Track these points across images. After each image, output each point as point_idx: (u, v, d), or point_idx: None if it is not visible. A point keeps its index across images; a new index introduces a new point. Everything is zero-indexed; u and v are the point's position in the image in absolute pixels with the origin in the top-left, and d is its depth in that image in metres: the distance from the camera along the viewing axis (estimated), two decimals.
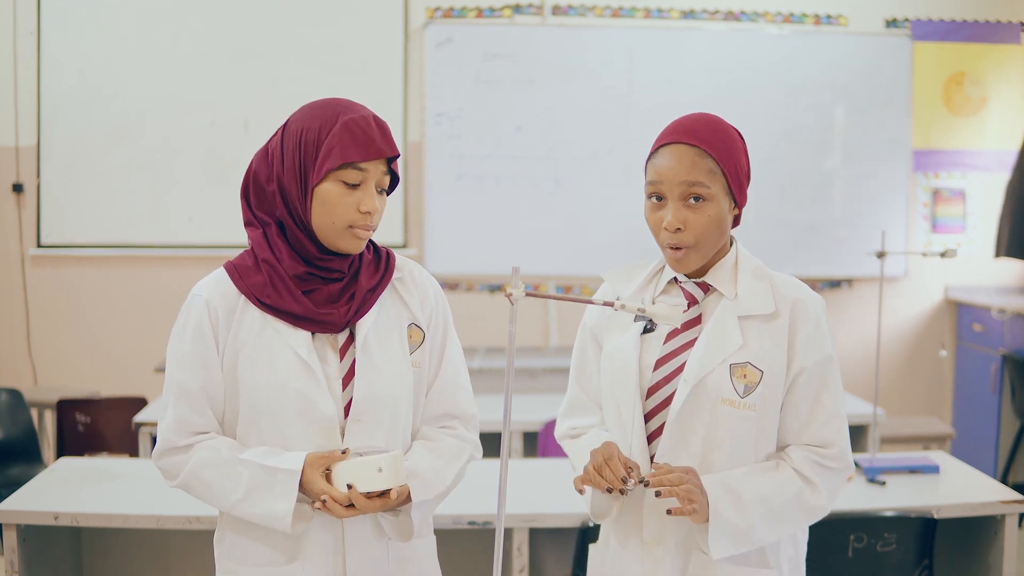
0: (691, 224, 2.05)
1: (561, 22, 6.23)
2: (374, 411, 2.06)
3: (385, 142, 2.02)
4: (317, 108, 2.05)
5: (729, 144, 2.08)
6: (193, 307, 2.07)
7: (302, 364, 2.02)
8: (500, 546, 1.68)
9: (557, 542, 3.32)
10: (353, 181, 2.00)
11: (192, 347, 2.05)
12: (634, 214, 2.32)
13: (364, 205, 2.01)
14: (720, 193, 2.06)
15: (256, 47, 6.14)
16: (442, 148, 6.19)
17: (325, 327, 2.05)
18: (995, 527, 3.19)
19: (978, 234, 6.48)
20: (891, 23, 6.35)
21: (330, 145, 1.99)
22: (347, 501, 1.97)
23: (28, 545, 3.06)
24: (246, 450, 2.04)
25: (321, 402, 2.03)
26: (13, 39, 6.09)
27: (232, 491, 2.01)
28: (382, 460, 1.98)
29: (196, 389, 2.04)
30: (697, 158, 2.05)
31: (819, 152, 6.31)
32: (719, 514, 2.00)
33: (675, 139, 2.08)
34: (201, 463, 2.03)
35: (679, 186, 2.04)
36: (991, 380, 5.98)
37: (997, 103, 6.41)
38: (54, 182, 6.15)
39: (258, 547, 2.07)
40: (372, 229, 2.05)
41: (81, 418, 4.88)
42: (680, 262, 2.09)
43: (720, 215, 2.06)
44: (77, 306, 6.26)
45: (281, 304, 2.03)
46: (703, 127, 2.08)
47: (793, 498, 2.06)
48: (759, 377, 2.06)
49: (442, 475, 2.12)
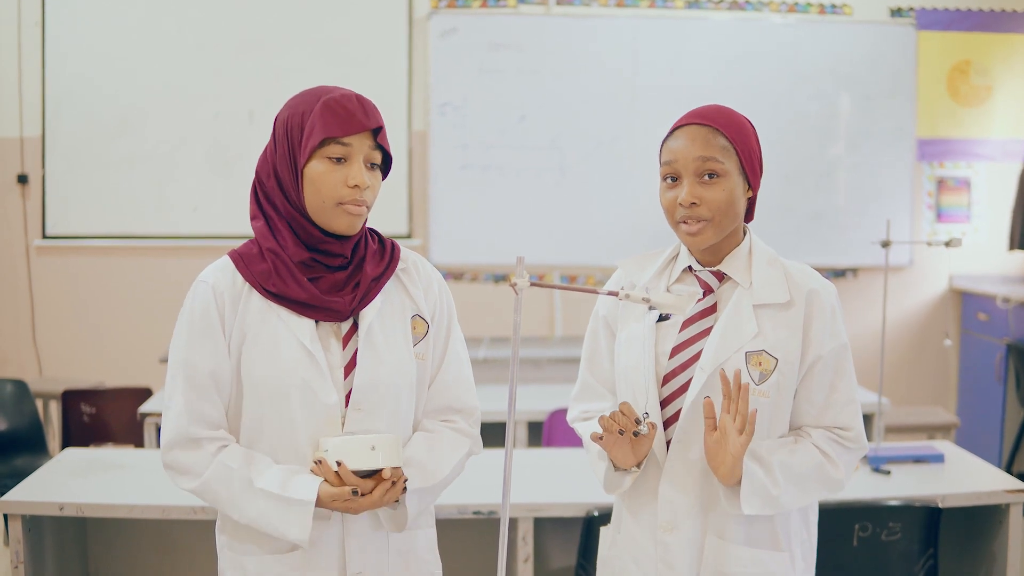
0: (706, 199, 2.07)
1: (565, 12, 6.22)
2: (375, 400, 2.06)
3: (366, 115, 2.03)
4: (300, 95, 2.07)
5: (742, 128, 2.12)
6: (199, 293, 2.07)
7: (305, 352, 2.02)
8: (505, 536, 1.68)
9: (562, 532, 3.32)
10: (337, 155, 2.01)
11: (201, 332, 2.04)
12: (639, 203, 2.34)
13: (351, 179, 2.01)
14: (734, 170, 2.09)
15: (260, 38, 6.14)
16: (447, 138, 6.19)
17: (330, 315, 2.05)
18: (999, 516, 3.19)
19: (983, 223, 6.47)
20: (896, 12, 6.33)
21: (311, 124, 2.00)
22: (347, 495, 1.97)
23: (33, 535, 3.07)
24: (258, 467, 2.03)
25: (323, 390, 2.02)
26: (18, 30, 6.09)
27: (244, 513, 2.02)
28: (376, 439, 1.99)
29: (205, 374, 2.03)
30: (711, 135, 2.09)
31: (824, 141, 6.30)
32: (752, 472, 2.03)
33: (689, 121, 2.12)
34: (216, 477, 2.02)
35: (694, 162, 2.08)
36: (996, 369, 5.98)
37: (1002, 92, 6.39)
38: (59, 173, 6.16)
39: (259, 536, 2.07)
40: (364, 205, 2.05)
41: (86, 409, 4.89)
42: (696, 237, 2.10)
43: (734, 192, 2.09)
44: (82, 297, 6.28)
45: (286, 291, 2.03)
46: (715, 111, 2.13)
47: (814, 469, 2.10)
48: (774, 365, 2.08)
49: (440, 465, 2.12)
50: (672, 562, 2.12)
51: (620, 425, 2.03)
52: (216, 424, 2.06)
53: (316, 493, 1.98)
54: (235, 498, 2.01)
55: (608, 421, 2.04)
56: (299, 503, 1.97)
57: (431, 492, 2.13)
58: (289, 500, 1.98)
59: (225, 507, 2.04)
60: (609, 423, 2.04)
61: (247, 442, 2.08)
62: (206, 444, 2.04)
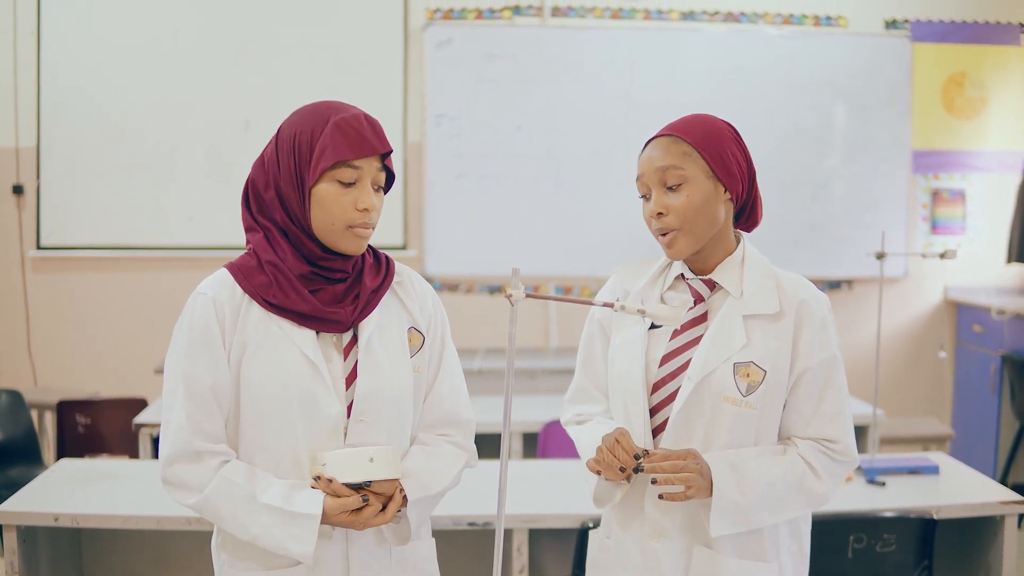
0: (671, 207, 2.09)
1: (561, 23, 6.23)
2: (376, 411, 2.06)
3: (377, 139, 2.03)
4: (308, 111, 2.06)
5: (709, 131, 2.12)
6: (199, 305, 2.05)
7: (307, 363, 2.02)
8: (500, 547, 1.68)
9: (557, 543, 3.32)
10: (348, 180, 2.01)
11: (201, 345, 2.02)
12: (634, 214, 2.34)
13: (361, 203, 2.01)
14: (699, 175, 2.09)
15: (256, 48, 6.15)
16: (442, 148, 6.19)
17: (331, 326, 2.05)
18: (995, 528, 3.19)
19: (978, 235, 6.48)
20: (891, 24, 6.35)
21: (323, 145, 1.99)
22: (355, 504, 1.97)
23: (28, 546, 3.06)
24: (261, 482, 2.01)
25: (326, 401, 2.02)
26: (13, 40, 6.09)
27: (247, 529, 1.99)
28: (375, 451, 1.99)
29: (206, 387, 2.01)
30: (670, 144, 2.11)
31: (819, 153, 6.31)
32: (722, 492, 2.03)
33: (655, 135, 2.15)
34: (218, 493, 2.00)
35: (655, 173, 2.10)
36: (991, 381, 5.98)
37: (997, 104, 6.41)
38: (54, 183, 6.15)
39: (261, 554, 2.05)
40: (371, 227, 2.06)
41: (81, 419, 4.88)
42: (671, 247, 2.12)
43: (701, 197, 2.09)
44: (77, 307, 6.27)
45: (287, 303, 2.02)
46: (684, 120, 2.15)
47: (796, 482, 2.09)
48: (762, 376, 2.08)
49: (438, 477, 2.13)
50: (661, 570, 2.12)
51: (620, 462, 2.03)
52: (217, 438, 2.04)
53: (321, 507, 1.97)
54: (238, 514, 1.99)
55: (608, 457, 2.05)
56: (305, 517, 1.97)
57: (430, 503, 2.13)
58: (295, 515, 1.97)
59: (226, 523, 2.01)
60: (610, 459, 2.05)
61: (246, 457, 2.06)
62: (208, 458, 2.02)
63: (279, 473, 2.03)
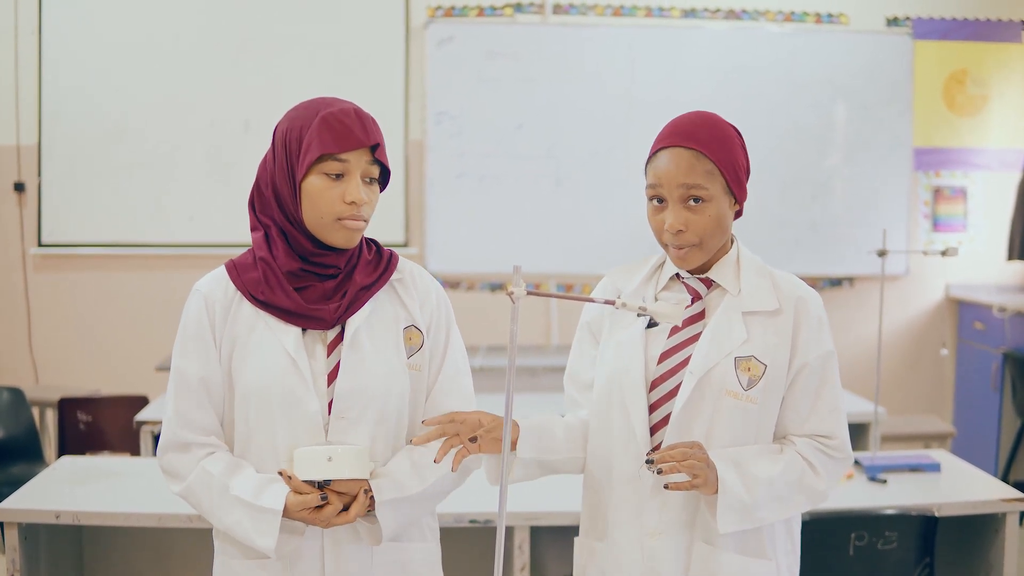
0: (692, 225, 2.07)
1: (562, 21, 6.23)
2: (358, 409, 2.06)
3: (364, 132, 2.03)
4: (300, 108, 2.08)
5: (726, 143, 2.09)
6: (192, 302, 2.11)
7: (289, 359, 2.04)
8: (501, 544, 1.68)
9: (558, 540, 3.32)
10: (335, 172, 2.02)
11: (192, 340, 2.09)
12: (635, 212, 2.34)
13: (348, 195, 2.02)
14: (719, 193, 2.08)
15: (257, 47, 6.15)
16: (443, 147, 6.19)
17: (315, 323, 2.06)
18: (996, 525, 3.19)
19: (979, 233, 6.48)
20: (892, 21, 6.35)
21: (309, 139, 2.01)
22: (314, 503, 1.99)
23: (29, 544, 3.06)
24: (237, 474, 2.05)
25: (304, 397, 2.04)
26: (15, 38, 6.10)
27: (220, 520, 2.05)
28: (336, 450, 2.00)
29: (195, 382, 2.07)
30: (694, 161, 2.06)
31: (820, 151, 6.31)
32: (728, 489, 2.02)
33: (672, 143, 2.09)
34: (198, 482, 2.06)
35: (678, 189, 2.06)
36: (992, 378, 5.98)
37: (998, 101, 6.41)
38: (55, 181, 6.16)
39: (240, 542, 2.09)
40: (363, 220, 2.06)
41: (82, 417, 4.88)
42: (684, 259, 2.11)
43: (720, 214, 2.08)
44: (78, 305, 6.27)
45: (273, 300, 2.05)
46: (699, 128, 2.10)
47: (796, 480, 2.09)
48: (763, 371, 2.08)
49: (417, 478, 2.10)
50: (659, 568, 2.12)
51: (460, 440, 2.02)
52: (207, 431, 2.09)
53: (283, 503, 1.99)
54: (213, 504, 2.05)
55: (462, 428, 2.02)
56: (268, 511, 2.00)
57: (409, 504, 2.10)
58: (261, 509, 2.00)
59: (205, 513, 2.08)
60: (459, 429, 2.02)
61: (240, 450, 2.10)
62: (195, 449, 2.08)
63: (263, 467, 2.06)
